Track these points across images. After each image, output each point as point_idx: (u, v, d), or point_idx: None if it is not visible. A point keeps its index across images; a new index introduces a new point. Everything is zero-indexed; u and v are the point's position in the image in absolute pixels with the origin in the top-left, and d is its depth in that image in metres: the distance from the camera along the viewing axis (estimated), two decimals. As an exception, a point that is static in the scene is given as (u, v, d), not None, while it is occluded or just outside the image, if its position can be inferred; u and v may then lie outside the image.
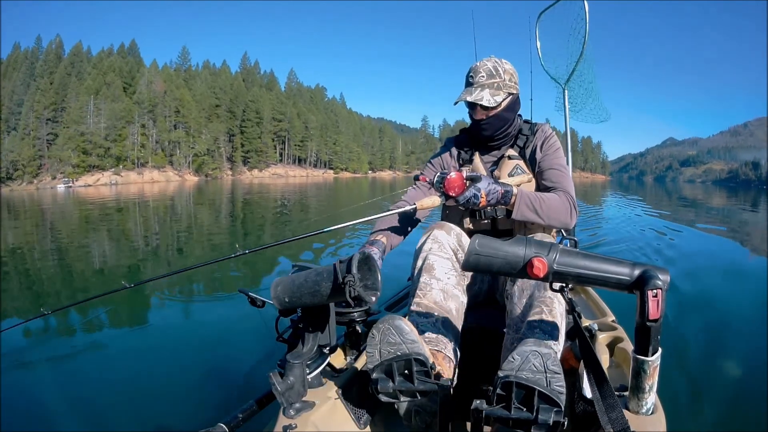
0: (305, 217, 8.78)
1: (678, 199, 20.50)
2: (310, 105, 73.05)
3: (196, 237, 7.37)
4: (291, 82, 76.00)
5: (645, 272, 0.79)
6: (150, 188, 28.91)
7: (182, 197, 18.24)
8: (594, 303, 1.65)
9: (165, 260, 5.34)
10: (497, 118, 1.39)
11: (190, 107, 52.47)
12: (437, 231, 1.24)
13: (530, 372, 0.79)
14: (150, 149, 49.78)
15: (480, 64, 1.38)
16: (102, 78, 48.68)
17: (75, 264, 5.08)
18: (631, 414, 0.85)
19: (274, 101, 64.06)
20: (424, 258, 1.19)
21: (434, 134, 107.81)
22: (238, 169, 58.47)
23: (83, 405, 1.90)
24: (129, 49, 56.94)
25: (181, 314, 3.07)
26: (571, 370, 1.12)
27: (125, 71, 52.36)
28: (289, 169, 64.19)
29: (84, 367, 2.30)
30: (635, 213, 10.67)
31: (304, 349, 1.04)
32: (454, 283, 1.17)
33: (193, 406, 1.85)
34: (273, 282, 1.02)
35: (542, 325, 1.00)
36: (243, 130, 59.46)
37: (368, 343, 0.95)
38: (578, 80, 3.25)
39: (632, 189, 31.75)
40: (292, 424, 0.93)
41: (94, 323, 2.90)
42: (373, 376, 0.94)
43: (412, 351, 0.91)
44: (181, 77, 56.76)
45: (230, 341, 2.56)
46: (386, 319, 0.95)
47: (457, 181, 1.17)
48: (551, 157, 1.40)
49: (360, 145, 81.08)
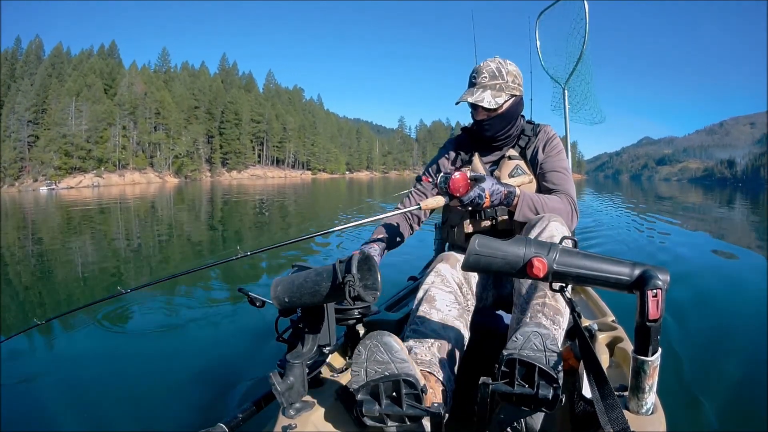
0: (285, 225, 8.76)
1: (656, 198, 20.72)
2: (289, 106, 73.17)
3: (193, 238, 7.37)
4: (269, 84, 76.11)
5: (645, 272, 0.79)
6: (131, 190, 28.63)
7: (163, 200, 18.17)
8: (594, 303, 1.65)
9: (160, 262, 5.34)
10: (499, 119, 1.39)
11: (171, 109, 52.39)
12: (441, 264, 1.22)
13: (531, 350, 0.84)
14: (131, 151, 49.62)
15: (483, 64, 1.38)
16: (83, 79, 48.34)
17: (71, 268, 5.08)
18: (631, 414, 0.85)
19: (253, 102, 64.16)
20: (425, 290, 1.17)
21: (411, 135, 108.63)
22: (217, 170, 58.57)
23: (84, 405, 1.89)
24: (109, 50, 56.58)
25: (181, 314, 3.06)
26: (571, 370, 1.12)
27: (106, 73, 52.08)
28: (267, 170, 64.38)
29: (84, 368, 2.29)
30: (616, 210, 10.81)
31: (304, 349, 1.03)
32: (455, 315, 1.13)
33: (193, 406, 1.85)
34: (273, 282, 1.02)
35: (545, 309, 1.04)
36: (222, 131, 59.54)
37: (354, 360, 0.90)
38: (577, 80, 3.26)
39: (608, 187, 31.80)
40: (292, 424, 0.93)
41: (94, 326, 2.89)
42: (358, 397, 0.88)
43: (401, 371, 0.86)
44: (161, 79, 56.57)
45: (230, 341, 2.56)
46: (374, 335, 0.89)
47: (461, 181, 1.17)
48: (554, 159, 1.40)
49: (337, 145, 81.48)
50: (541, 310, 1.04)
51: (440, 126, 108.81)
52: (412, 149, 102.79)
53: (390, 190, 24.85)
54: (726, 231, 8.17)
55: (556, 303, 1.05)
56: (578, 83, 3.28)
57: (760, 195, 27.38)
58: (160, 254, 5.87)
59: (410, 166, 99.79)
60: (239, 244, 6.32)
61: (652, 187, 44.51)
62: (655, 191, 29.93)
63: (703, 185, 77.15)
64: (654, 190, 32.50)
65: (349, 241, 5.57)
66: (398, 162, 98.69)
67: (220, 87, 62.66)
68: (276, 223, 9.27)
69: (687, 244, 6.14)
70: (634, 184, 74.68)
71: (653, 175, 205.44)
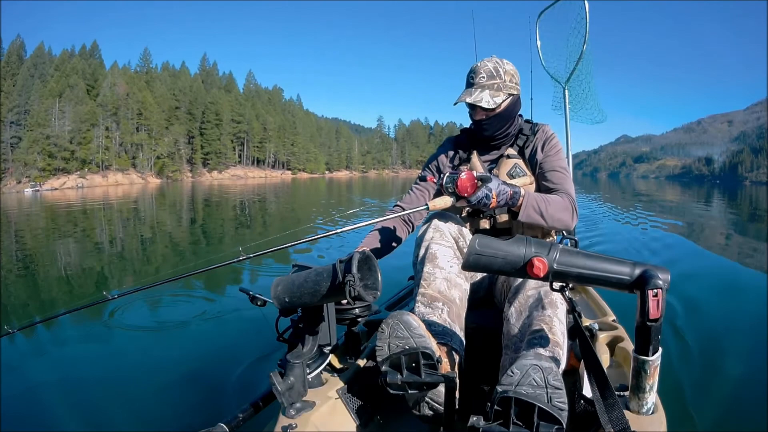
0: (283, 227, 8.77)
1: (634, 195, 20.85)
2: (268, 106, 72.81)
3: (193, 238, 7.37)
4: (249, 84, 75.66)
5: (645, 272, 0.79)
6: (114, 191, 28.38)
7: (145, 201, 18.07)
8: (594, 302, 1.65)
9: (151, 263, 5.34)
10: (497, 119, 1.39)
11: (152, 109, 52.06)
12: (437, 220, 1.25)
13: (530, 387, 0.77)
14: (114, 152, 49.28)
15: (481, 64, 1.38)
16: (66, 80, 47.86)
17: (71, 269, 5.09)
18: (632, 414, 0.85)
19: (233, 103, 63.82)
20: (426, 247, 1.20)
21: (390, 134, 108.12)
22: (198, 170, 58.18)
23: (84, 405, 1.90)
24: (90, 50, 55.90)
25: (181, 314, 3.06)
26: (571, 370, 1.12)
27: (88, 73, 51.62)
28: (248, 170, 64.15)
29: (85, 368, 2.30)
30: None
31: (304, 348, 1.04)
32: (457, 271, 1.18)
33: (193, 406, 1.85)
34: (273, 282, 1.02)
35: (542, 342, 0.96)
36: (203, 132, 59.10)
37: (377, 337, 0.98)
38: (578, 80, 3.25)
39: (586, 186, 31.88)
40: (292, 424, 0.93)
41: (93, 326, 2.90)
42: (383, 368, 0.96)
43: (419, 345, 0.94)
44: (143, 79, 55.98)
45: (230, 341, 2.56)
46: (395, 315, 0.97)
47: (468, 181, 1.17)
48: (553, 158, 1.41)
49: (317, 145, 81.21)
50: (539, 343, 0.97)
51: (419, 125, 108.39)
52: (391, 148, 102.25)
53: (369, 189, 24.88)
54: (726, 231, 8.18)
55: (554, 336, 0.98)
56: (579, 83, 3.28)
57: (738, 191, 27.60)
58: (159, 255, 5.88)
59: (389, 165, 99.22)
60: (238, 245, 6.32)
61: (630, 184, 44.75)
62: (633, 188, 30.20)
63: (680, 182, 77.26)
64: (632, 187, 33.11)
65: (349, 242, 5.57)
66: (377, 161, 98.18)
67: (200, 87, 62.11)
68: (275, 224, 9.28)
69: (687, 244, 6.15)
70: (612, 181, 74.85)
71: (631, 172, 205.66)
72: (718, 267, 4.63)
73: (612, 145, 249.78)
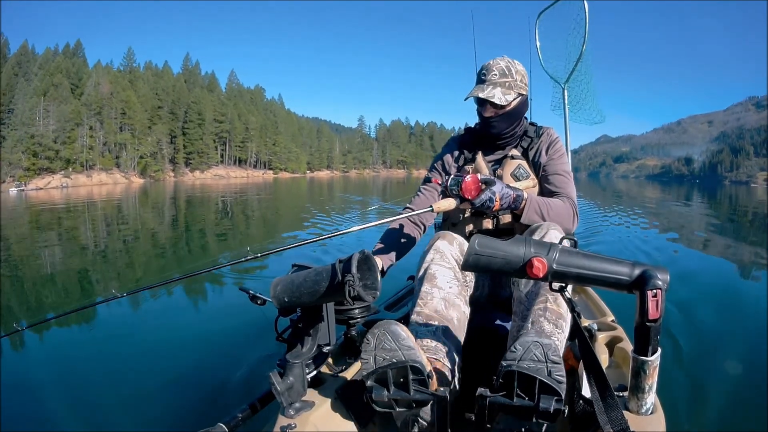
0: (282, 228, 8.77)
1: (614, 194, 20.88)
2: (251, 106, 72.47)
3: (192, 239, 7.37)
4: (232, 83, 75.30)
5: (645, 272, 0.79)
6: (99, 191, 28.19)
7: (129, 200, 17.98)
8: (593, 303, 1.65)
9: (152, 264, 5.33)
10: (506, 117, 1.40)
11: (136, 109, 51.72)
12: (440, 242, 1.23)
13: (531, 362, 0.81)
14: (98, 151, 48.89)
15: (493, 62, 1.40)
16: (50, 79, 47.37)
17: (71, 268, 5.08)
18: (631, 414, 0.85)
19: (216, 102, 63.56)
20: (425, 268, 1.19)
21: (371, 134, 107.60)
22: (181, 170, 57.85)
23: (84, 405, 1.90)
24: (74, 49, 55.33)
25: (181, 314, 3.07)
26: (570, 370, 1.11)
27: (72, 72, 51.16)
28: (230, 170, 63.87)
29: (84, 367, 2.29)
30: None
31: (303, 348, 1.03)
32: (456, 292, 1.16)
33: (193, 406, 1.85)
34: (272, 281, 1.02)
35: (547, 314, 1.02)
36: (185, 131, 58.70)
37: (363, 348, 0.92)
38: (577, 80, 3.25)
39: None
40: (291, 424, 0.92)
41: (93, 326, 2.90)
42: (368, 384, 0.91)
43: (408, 358, 0.88)
44: (126, 78, 55.49)
45: (230, 341, 2.56)
46: (382, 324, 0.92)
47: (472, 184, 1.17)
48: (556, 162, 1.42)
49: (298, 145, 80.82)
50: (543, 315, 1.03)
51: (399, 125, 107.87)
52: (372, 148, 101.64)
53: (350, 189, 24.84)
54: (724, 231, 8.19)
55: (558, 307, 1.04)
56: (578, 83, 3.28)
57: (717, 191, 27.60)
58: (160, 254, 5.87)
59: (370, 164, 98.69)
60: (238, 246, 6.33)
61: (610, 184, 44.77)
62: (614, 188, 30.35)
63: (660, 182, 77.17)
64: (613, 187, 33.41)
65: (350, 242, 5.56)
66: (358, 161, 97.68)
67: (183, 87, 61.62)
68: (281, 224, 9.28)
69: (684, 244, 6.15)
70: (592, 181, 74.91)
71: (611, 172, 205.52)
72: (717, 267, 4.63)
73: (592, 144, 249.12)
